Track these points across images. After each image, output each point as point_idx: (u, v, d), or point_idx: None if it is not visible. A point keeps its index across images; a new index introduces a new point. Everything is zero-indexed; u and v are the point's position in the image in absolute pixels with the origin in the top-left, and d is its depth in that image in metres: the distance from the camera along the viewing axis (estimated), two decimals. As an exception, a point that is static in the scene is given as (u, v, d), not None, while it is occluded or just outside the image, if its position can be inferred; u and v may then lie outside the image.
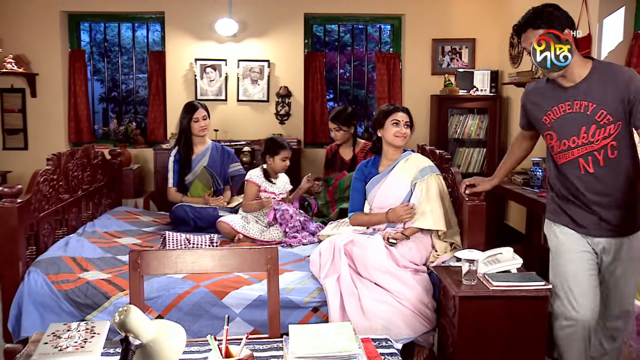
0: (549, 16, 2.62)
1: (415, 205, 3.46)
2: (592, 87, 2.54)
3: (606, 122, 2.51)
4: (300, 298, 3.20)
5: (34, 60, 6.08)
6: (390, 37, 6.59)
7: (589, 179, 2.62)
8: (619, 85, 2.48)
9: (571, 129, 2.58)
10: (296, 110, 6.22)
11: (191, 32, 6.11)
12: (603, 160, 2.56)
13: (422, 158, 3.61)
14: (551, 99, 2.65)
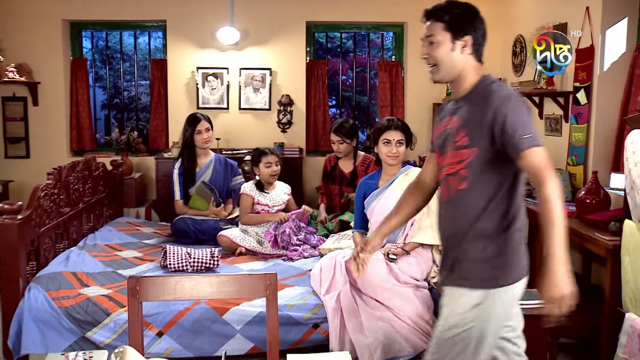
0: (461, 15, 2.16)
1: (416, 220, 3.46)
2: (465, 104, 2.17)
3: (461, 145, 2.12)
4: (301, 315, 3.21)
5: (36, 68, 6.08)
6: (392, 43, 6.58)
7: (442, 207, 2.30)
8: (485, 108, 2.06)
9: (442, 146, 2.24)
10: (298, 119, 6.21)
11: (193, 41, 6.10)
12: (453, 189, 2.17)
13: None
14: (446, 111, 2.28)
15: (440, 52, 2.15)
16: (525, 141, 1.97)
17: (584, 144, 4.35)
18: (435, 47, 2.15)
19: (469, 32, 2.15)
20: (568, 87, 4.61)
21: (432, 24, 2.18)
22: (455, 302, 2.14)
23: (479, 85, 2.15)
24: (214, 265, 3.70)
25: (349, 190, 4.63)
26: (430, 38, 2.17)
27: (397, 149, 3.51)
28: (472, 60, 2.18)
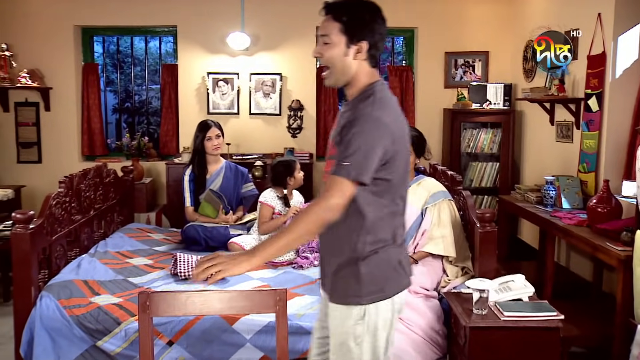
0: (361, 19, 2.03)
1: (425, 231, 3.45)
2: (344, 112, 2.07)
3: (331, 155, 2.04)
4: (310, 324, 3.19)
5: (47, 74, 6.12)
6: (402, 48, 6.56)
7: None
8: (348, 117, 1.98)
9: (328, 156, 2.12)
10: (308, 124, 6.21)
11: (203, 46, 6.12)
12: None
13: (434, 183, 3.58)
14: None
15: (332, 54, 2.03)
16: (343, 168, 1.90)
17: (595, 151, 4.33)
18: (329, 49, 2.04)
19: (366, 38, 2.03)
20: (579, 94, 4.59)
21: (330, 22, 2.05)
22: (340, 319, 2.07)
23: (362, 94, 2.04)
24: (224, 273, 3.69)
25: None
26: (324, 38, 2.05)
27: None
28: (365, 66, 2.06)
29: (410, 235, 3.49)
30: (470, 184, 5.84)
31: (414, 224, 3.49)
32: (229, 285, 3.63)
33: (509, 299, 3.08)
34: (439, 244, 3.42)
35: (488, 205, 5.87)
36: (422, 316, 3.21)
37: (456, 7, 6.13)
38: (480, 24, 6.12)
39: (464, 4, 6.14)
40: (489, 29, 6.11)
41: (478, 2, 6.13)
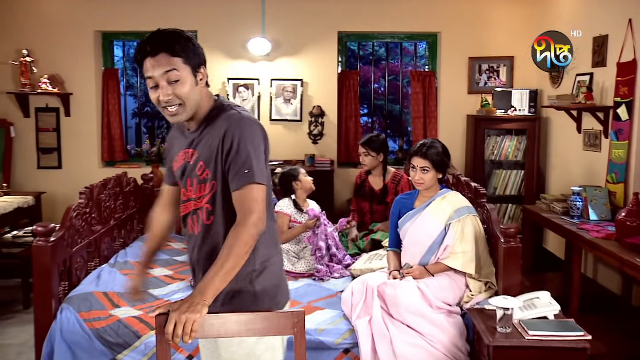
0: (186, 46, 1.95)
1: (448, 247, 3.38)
2: (203, 134, 2.04)
3: (205, 178, 2.02)
4: (331, 339, 3.16)
5: (68, 79, 6.15)
6: (425, 51, 6.49)
7: (191, 241, 2.13)
8: (219, 134, 1.98)
9: (183, 179, 2.09)
10: (329, 130, 6.16)
11: (224, 51, 6.10)
12: (200, 224, 2.05)
13: (459, 198, 3.50)
14: (181, 144, 2.12)
15: (186, 90, 1.94)
16: (246, 176, 1.93)
17: (624, 161, 4.22)
18: (180, 85, 1.93)
19: (202, 62, 2.00)
20: (608, 102, 4.48)
21: (168, 58, 1.92)
22: (237, 345, 2.09)
23: (213, 111, 2.05)
24: (244, 285, 3.67)
25: (380, 208, 4.57)
26: (171, 75, 1.92)
27: (420, 175, 3.42)
28: (205, 88, 2.05)
29: (433, 251, 3.42)
30: (494, 191, 5.75)
31: (437, 238, 3.41)
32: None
33: (534, 316, 2.99)
34: (458, 259, 3.35)
35: (512, 214, 5.77)
36: (445, 332, 3.14)
37: (480, 12, 6.04)
38: (505, 29, 6.02)
39: (488, 8, 6.04)
40: (514, 34, 6.00)
41: (503, 6, 6.02)
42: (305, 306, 3.49)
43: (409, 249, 3.50)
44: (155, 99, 1.95)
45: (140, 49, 1.94)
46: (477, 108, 5.90)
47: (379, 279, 3.37)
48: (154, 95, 1.95)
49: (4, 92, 6.07)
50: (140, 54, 1.95)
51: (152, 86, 1.95)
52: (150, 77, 1.93)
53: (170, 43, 1.92)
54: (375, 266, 3.86)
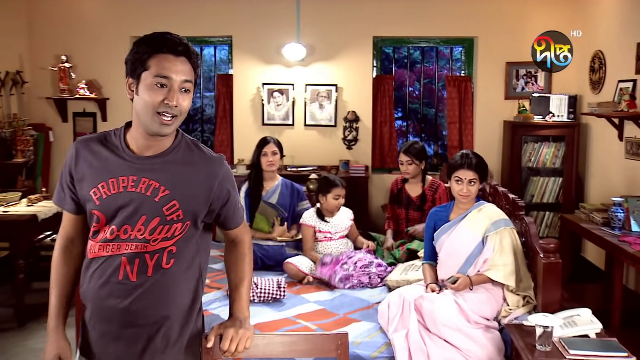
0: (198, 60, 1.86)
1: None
2: (168, 165, 1.83)
3: (174, 219, 1.81)
4: (367, 353, 3.14)
5: (105, 85, 6.25)
6: (461, 55, 6.42)
7: (128, 291, 1.81)
8: (209, 178, 1.87)
9: (126, 213, 1.79)
10: (364, 135, 6.14)
11: (259, 57, 6.12)
12: (153, 268, 1.81)
13: (495, 210, 3.45)
14: (113, 166, 1.81)
15: (188, 105, 1.82)
16: (241, 216, 2.07)
17: (668, 172, 4.11)
18: (188, 98, 1.81)
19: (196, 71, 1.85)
20: (652, 110, 4.36)
21: (187, 65, 1.79)
22: None
23: (181, 141, 1.89)
24: (280, 295, 3.68)
25: (417, 216, 4.54)
26: (187, 84, 1.79)
27: (468, 188, 3.38)
28: None
29: (470, 263, 3.39)
30: (531, 199, 5.66)
31: (474, 251, 3.38)
32: (285, 307, 3.61)
33: (575, 334, 2.94)
34: (499, 271, 3.31)
35: (550, 222, 5.67)
36: (482, 348, 3.10)
37: (518, 16, 5.94)
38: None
39: (526, 12, 5.93)
40: (553, 38, 5.88)
41: (541, 10, 5.92)
42: (341, 318, 3.49)
43: (446, 262, 3.46)
44: (158, 101, 1.74)
45: (164, 42, 1.77)
46: (514, 114, 5.81)
47: (416, 292, 3.35)
48: (158, 96, 1.74)
49: (43, 98, 6.20)
50: (160, 47, 1.76)
51: (160, 85, 1.75)
52: (167, 77, 1.74)
53: (193, 52, 1.82)
54: (412, 277, 3.83)
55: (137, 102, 1.78)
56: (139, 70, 1.76)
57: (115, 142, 1.84)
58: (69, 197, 1.88)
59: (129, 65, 1.80)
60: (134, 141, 1.83)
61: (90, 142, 1.85)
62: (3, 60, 5.68)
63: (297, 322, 3.39)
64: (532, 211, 5.63)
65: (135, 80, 1.78)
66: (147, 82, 1.75)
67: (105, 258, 1.81)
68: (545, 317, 2.86)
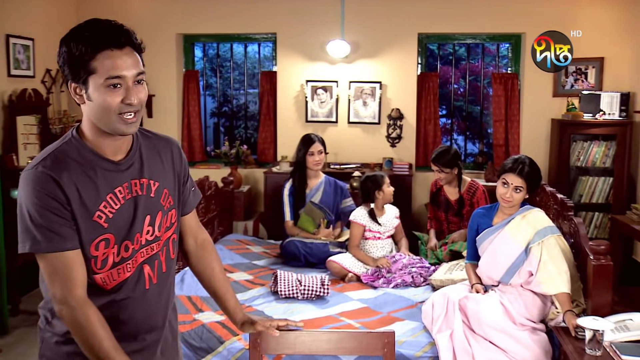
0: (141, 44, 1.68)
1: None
2: (145, 160, 1.76)
3: (169, 207, 1.79)
4: (411, 352, 3.13)
5: (151, 81, 6.24)
6: (508, 52, 6.30)
7: (145, 295, 1.76)
8: (168, 157, 1.82)
9: (134, 221, 1.69)
10: (408, 133, 6.09)
11: (303, 53, 6.13)
12: (165, 262, 1.80)
13: (540, 217, 3.33)
14: (102, 182, 1.64)
15: (145, 93, 1.67)
16: (198, 194, 1.98)
17: None
18: (143, 89, 1.65)
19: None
20: None
21: (134, 55, 1.61)
22: None
23: (137, 134, 1.77)
24: (324, 293, 3.70)
25: (456, 220, 4.49)
26: (140, 76, 1.63)
27: (512, 193, 3.27)
28: None
29: (512, 273, 3.28)
30: (580, 199, 5.53)
31: (516, 261, 3.26)
32: (329, 305, 3.62)
33: (627, 339, 2.86)
34: (562, 280, 3.16)
35: (599, 223, 5.52)
36: (529, 350, 3.05)
37: (567, 11, 5.79)
38: (595, 28, 5.73)
39: (576, 7, 5.78)
40: (605, 34, 5.72)
41: (592, 6, 5.76)
42: (385, 316, 3.49)
43: (487, 268, 3.39)
44: (117, 103, 1.58)
45: (103, 36, 1.56)
46: (563, 112, 5.67)
47: (461, 292, 3.31)
48: (115, 97, 1.57)
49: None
50: (100, 43, 1.55)
51: (113, 85, 1.57)
52: (120, 76, 1.57)
53: (134, 37, 1.63)
54: (456, 277, 3.80)
55: (92, 107, 1.60)
56: (83, 74, 1.57)
57: (84, 156, 1.64)
58: (69, 230, 1.58)
59: (68, 69, 1.59)
60: (99, 149, 1.66)
61: (57, 165, 1.59)
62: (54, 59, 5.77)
63: (340, 320, 3.40)
64: (581, 212, 5.50)
65: (82, 85, 1.59)
66: (97, 86, 1.57)
67: (128, 277, 1.71)
68: (596, 320, 2.79)
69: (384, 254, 4.23)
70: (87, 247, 1.62)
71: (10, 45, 5.02)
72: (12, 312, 4.58)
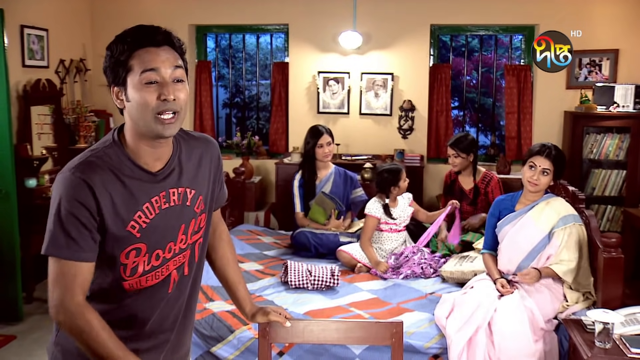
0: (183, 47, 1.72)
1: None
2: (184, 166, 1.73)
3: (199, 211, 1.77)
4: (420, 343, 3.14)
5: (164, 72, 6.33)
6: (521, 43, 6.26)
7: (168, 305, 1.77)
8: (206, 161, 1.80)
9: (168, 231, 1.69)
10: (420, 125, 6.07)
11: (315, 45, 6.12)
12: (188, 265, 1.78)
13: (564, 205, 3.34)
14: (138, 192, 1.62)
15: (186, 96, 1.62)
16: (225, 192, 1.98)
17: None
18: (183, 88, 1.61)
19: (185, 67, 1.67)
20: None
21: (174, 54, 1.62)
22: None
23: (177, 139, 1.74)
24: (334, 283, 3.71)
25: (470, 209, 4.48)
26: (177, 71, 1.60)
27: (539, 176, 3.29)
28: None
29: (532, 257, 3.30)
30: (592, 192, 5.49)
31: (537, 245, 3.29)
32: (339, 295, 3.63)
33: (637, 332, 2.85)
34: (563, 266, 3.23)
35: (611, 216, 5.49)
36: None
37: (581, 2, 5.74)
38: (609, 19, 5.69)
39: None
40: (620, 25, 5.66)
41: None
42: (395, 307, 3.49)
43: (507, 253, 3.39)
44: (153, 100, 1.56)
45: (141, 35, 1.59)
46: (576, 104, 5.63)
47: (490, 305, 3.15)
48: (151, 94, 1.55)
49: (104, 85, 6.25)
50: (138, 42, 1.57)
51: (149, 82, 1.56)
52: (155, 69, 1.55)
53: (175, 38, 1.65)
54: (466, 268, 3.79)
55: (131, 109, 1.58)
56: (122, 73, 1.57)
57: (123, 164, 1.61)
58: (89, 242, 1.56)
59: (110, 72, 1.60)
60: (139, 157, 1.63)
61: (94, 171, 1.56)
62: (68, 49, 5.86)
63: (350, 310, 3.41)
64: (593, 204, 5.47)
65: (122, 87, 1.58)
66: (134, 83, 1.56)
67: (155, 284, 1.71)
68: (606, 313, 2.79)
69: (397, 245, 4.22)
70: (117, 255, 1.61)
71: (24, 36, 5.06)
72: (27, 300, 4.64)
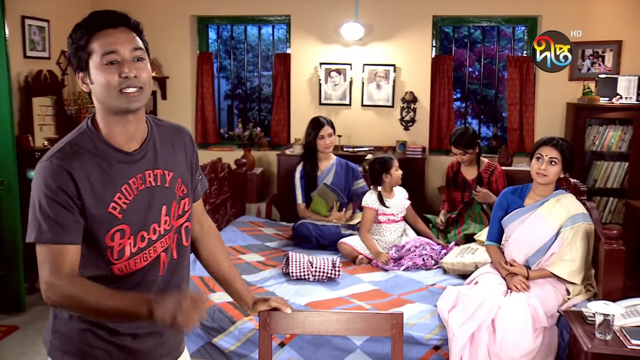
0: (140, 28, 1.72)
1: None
2: (159, 149, 1.77)
3: (182, 195, 1.80)
4: (421, 334, 3.15)
5: (165, 63, 6.32)
6: (523, 35, 6.23)
7: (165, 282, 1.81)
8: (181, 145, 1.84)
9: (149, 212, 1.71)
10: (422, 116, 6.05)
11: (317, 36, 6.10)
12: (177, 248, 1.81)
13: (574, 203, 3.30)
14: (116, 173, 1.66)
15: (148, 74, 1.66)
16: (205, 181, 2.01)
17: None
18: (145, 67, 1.65)
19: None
20: None
21: (131, 35, 1.64)
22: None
23: (151, 124, 1.77)
24: (335, 275, 3.72)
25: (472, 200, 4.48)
26: (137, 52, 1.63)
27: (547, 166, 3.23)
28: None
29: (539, 255, 3.27)
30: (594, 184, 5.48)
31: (546, 243, 3.27)
32: (340, 287, 3.64)
33: (637, 324, 2.86)
34: (566, 267, 3.18)
35: (614, 208, 5.48)
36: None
37: (585, -8, 5.71)
38: (612, 10, 5.65)
39: (593, -10, 5.70)
40: (623, 17, 5.62)
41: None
42: (396, 299, 3.50)
43: (514, 249, 3.36)
44: (115, 78, 1.59)
45: (98, 18, 1.62)
46: (579, 96, 5.61)
47: (494, 303, 3.12)
48: (113, 74, 1.59)
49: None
50: (95, 25, 1.61)
51: (110, 62, 1.60)
52: (114, 51, 1.59)
53: (132, 19, 1.67)
54: (467, 260, 3.80)
55: (96, 90, 1.63)
56: (84, 57, 1.62)
57: (98, 147, 1.65)
58: (73, 224, 1.59)
59: (73, 59, 1.65)
60: (112, 139, 1.67)
61: (71, 157, 1.61)
62: (69, 40, 5.83)
63: (351, 302, 3.42)
64: (595, 196, 5.46)
65: (85, 71, 1.63)
66: (96, 65, 1.60)
67: (145, 266, 1.73)
68: (606, 304, 2.80)
69: (397, 237, 4.23)
70: (102, 238, 1.64)
71: (25, 27, 5.05)
72: (29, 290, 4.66)
